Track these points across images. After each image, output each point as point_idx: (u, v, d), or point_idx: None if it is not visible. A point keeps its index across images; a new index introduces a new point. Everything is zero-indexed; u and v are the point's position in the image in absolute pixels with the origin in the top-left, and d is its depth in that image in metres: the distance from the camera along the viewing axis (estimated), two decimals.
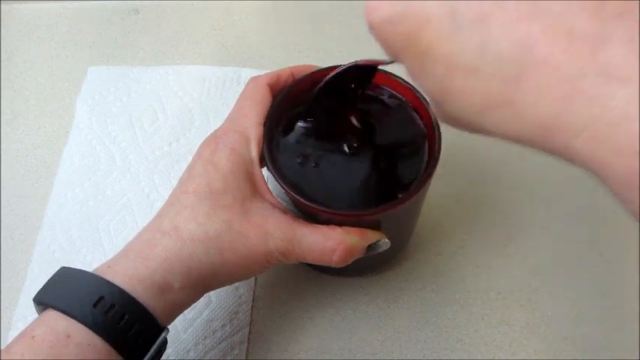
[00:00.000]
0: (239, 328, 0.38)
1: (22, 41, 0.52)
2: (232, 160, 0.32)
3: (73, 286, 0.28)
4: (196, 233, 0.30)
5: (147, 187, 0.44)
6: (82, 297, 0.28)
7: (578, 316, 0.39)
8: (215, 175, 0.31)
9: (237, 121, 0.34)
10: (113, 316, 0.27)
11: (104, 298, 0.28)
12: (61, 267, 0.30)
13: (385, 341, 0.38)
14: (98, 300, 0.28)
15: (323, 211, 0.32)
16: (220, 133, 0.33)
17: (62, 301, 0.28)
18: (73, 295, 0.28)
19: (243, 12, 0.54)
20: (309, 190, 0.33)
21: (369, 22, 0.24)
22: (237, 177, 0.32)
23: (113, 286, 0.28)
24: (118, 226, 0.42)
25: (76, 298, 0.28)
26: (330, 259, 0.32)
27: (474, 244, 0.42)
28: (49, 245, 0.41)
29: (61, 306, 0.28)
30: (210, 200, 0.31)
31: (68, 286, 0.29)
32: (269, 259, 0.32)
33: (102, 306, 0.27)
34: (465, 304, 0.40)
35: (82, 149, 0.45)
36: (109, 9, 0.54)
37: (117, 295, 0.28)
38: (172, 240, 0.30)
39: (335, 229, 0.32)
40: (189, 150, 0.45)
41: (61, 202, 0.43)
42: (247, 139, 0.33)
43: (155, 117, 0.47)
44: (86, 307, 0.27)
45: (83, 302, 0.28)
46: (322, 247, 0.31)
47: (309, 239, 0.31)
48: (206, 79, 0.49)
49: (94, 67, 0.50)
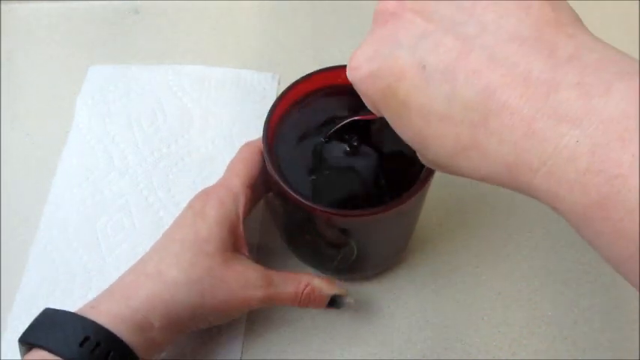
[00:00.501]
0: (235, 327, 0.38)
1: (22, 41, 0.52)
2: (220, 212, 0.34)
3: (60, 327, 0.30)
4: (179, 278, 0.32)
5: (145, 189, 0.44)
6: (68, 336, 0.29)
7: (578, 316, 0.39)
8: (202, 225, 0.34)
9: (229, 180, 0.36)
10: (99, 354, 0.29)
11: (90, 338, 0.29)
12: (45, 308, 0.32)
13: (385, 341, 0.38)
14: (84, 339, 0.29)
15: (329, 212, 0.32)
16: (212, 189, 0.36)
17: (49, 340, 0.30)
18: (59, 335, 0.30)
19: (243, 12, 0.54)
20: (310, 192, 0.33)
21: (351, 79, 0.26)
22: (222, 228, 0.34)
23: (98, 326, 0.30)
24: (116, 228, 0.42)
25: (63, 338, 0.30)
26: (300, 299, 0.35)
27: (474, 244, 0.42)
28: (46, 245, 0.41)
29: (49, 345, 0.29)
30: (195, 248, 0.33)
31: (54, 326, 0.30)
32: (248, 304, 0.34)
33: (88, 345, 0.29)
34: (465, 304, 0.40)
35: (81, 149, 0.45)
36: (109, 9, 0.54)
37: (102, 334, 0.30)
38: (155, 282, 0.32)
39: (303, 274, 0.36)
40: (187, 152, 0.45)
41: (58, 202, 0.43)
42: (236, 196, 0.35)
43: (154, 117, 0.47)
44: (73, 346, 0.29)
45: (70, 342, 0.29)
46: (295, 290, 0.35)
47: (283, 284, 0.35)
48: (205, 79, 0.49)
49: (94, 67, 0.50)
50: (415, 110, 0.24)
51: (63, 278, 0.40)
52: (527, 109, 0.20)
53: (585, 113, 0.19)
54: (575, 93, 0.19)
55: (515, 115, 0.20)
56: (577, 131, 0.19)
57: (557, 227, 0.43)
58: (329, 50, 0.51)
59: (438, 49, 0.22)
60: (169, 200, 0.43)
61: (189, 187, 0.44)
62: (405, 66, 0.23)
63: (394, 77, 0.24)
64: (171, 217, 0.42)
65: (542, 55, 0.21)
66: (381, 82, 0.25)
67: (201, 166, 0.45)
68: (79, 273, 0.40)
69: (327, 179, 0.34)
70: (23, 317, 0.39)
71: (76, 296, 0.39)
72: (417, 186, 0.32)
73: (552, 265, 0.41)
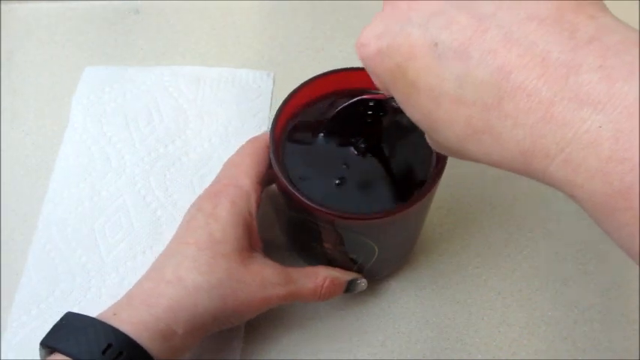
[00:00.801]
0: (234, 327, 0.38)
1: (21, 41, 0.52)
2: (232, 212, 0.34)
3: (82, 332, 0.30)
4: (199, 282, 0.32)
5: (143, 188, 0.44)
6: (90, 343, 0.29)
7: (578, 316, 0.39)
8: (215, 226, 0.33)
9: (237, 177, 0.35)
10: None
11: (112, 345, 0.29)
12: (67, 312, 0.32)
13: (385, 341, 0.38)
14: (107, 347, 0.29)
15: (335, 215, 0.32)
16: (221, 187, 0.35)
17: (72, 345, 0.29)
18: (82, 340, 0.29)
19: (243, 12, 0.54)
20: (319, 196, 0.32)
21: (360, 57, 0.26)
22: (236, 229, 0.33)
23: (121, 333, 0.29)
24: (114, 228, 0.42)
25: (85, 344, 0.29)
26: (320, 293, 0.35)
27: (474, 244, 0.42)
28: (45, 245, 0.41)
29: (71, 351, 0.29)
30: (211, 250, 0.32)
31: (77, 331, 0.30)
32: (267, 303, 0.34)
33: (110, 353, 0.29)
34: (465, 304, 0.40)
35: (77, 149, 0.45)
36: (109, 9, 0.54)
37: (124, 343, 0.29)
38: (176, 289, 0.31)
39: (319, 267, 0.36)
40: (184, 152, 0.45)
41: (56, 202, 0.43)
42: (248, 194, 0.35)
43: (150, 118, 0.47)
44: (96, 354, 0.29)
45: (92, 349, 0.29)
46: (314, 285, 0.35)
47: (302, 280, 0.35)
48: (201, 79, 0.49)
49: (90, 67, 0.50)
50: (425, 91, 0.23)
51: (62, 278, 0.40)
52: (545, 92, 0.19)
53: (608, 97, 0.18)
54: (597, 76, 0.18)
55: (533, 97, 0.19)
56: (599, 116, 0.18)
57: (557, 227, 0.43)
58: (329, 50, 0.51)
59: (452, 27, 0.21)
60: (167, 199, 0.43)
61: (186, 186, 0.44)
62: (415, 44, 0.22)
63: (404, 56, 0.23)
64: (169, 217, 0.42)
65: (562, 36, 0.19)
66: (389, 61, 0.24)
67: (198, 165, 0.45)
68: (78, 273, 0.40)
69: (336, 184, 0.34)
70: (23, 318, 0.39)
71: (76, 296, 0.39)
72: (429, 185, 0.32)
73: (552, 265, 0.41)
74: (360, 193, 0.33)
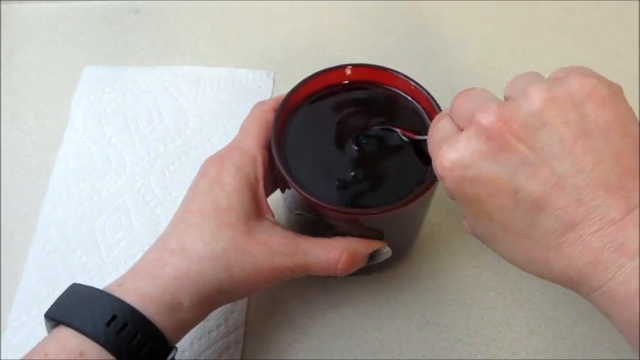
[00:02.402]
0: (234, 327, 0.38)
1: (21, 41, 0.52)
2: (237, 178, 0.33)
3: (86, 304, 0.29)
4: (203, 252, 0.31)
5: (142, 187, 0.44)
6: (95, 315, 0.28)
7: (578, 316, 0.39)
8: (220, 193, 0.32)
9: (243, 141, 0.34)
10: (126, 335, 0.28)
11: (117, 317, 0.28)
12: (72, 283, 0.31)
13: (385, 341, 0.38)
14: (111, 319, 0.28)
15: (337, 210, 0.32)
16: (225, 152, 0.34)
17: (75, 318, 0.28)
18: (85, 313, 0.28)
19: (243, 12, 0.54)
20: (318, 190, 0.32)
21: (441, 176, 0.28)
22: (241, 195, 0.32)
23: (126, 304, 0.29)
24: (114, 227, 0.42)
25: (89, 316, 0.28)
26: (335, 267, 0.33)
27: (474, 244, 0.42)
28: (45, 246, 0.41)
29: (75, 324, 0.28)
30: (215, 218, 0.32)
31: (81, 303, 0.29)
32: (276, 275, 0.33)
33: (115, 325, 0.28)
34: (465, 304, 0.40)
35: (77, 150, 0.45)
36: (109, 9, 0.54)
37: (129, 315, 0.28)
38: (180, 259, 0.31)
39: (337, 239, 0.34)
40: (184, 151, 0.45)
41: (56, 203, 0.43)
42: (253, 158, 0.34)
43: (150, 118, 0.47)
44: (99, 326, 0.28)
45: (96, 321, 0.28)
46: (327, 258, 0.33)
47: (313, 252, 0.33)
48: (201, 79, 0.49)
49: (90, 67, 0.50)
50: (496, 221, 0.27)
51: (62, 278, 0.40)
52: (597, 244, 0.24)
53: None
54: (636, 232, 0.24)
55: (587, 247, 0.25)
56: (633, 262, 0.24)
57: None
58: (329, 50, 0.51)
59: (534, 179, 0.25)
60: (166, 198, 0.43)
61: (186, 185, 0.43)
62: (500, 186, 0.26)
63: (486, 192, 0.26)
64: (169, 215, 0.42)
65: (620, 203, 0.24)
66: (470, 190, 0.27)
67: (197, 163, 0.44)
68: (78, 273, 0.40)
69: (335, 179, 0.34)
70: (23, 318, 0.39)
71: None
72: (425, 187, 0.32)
73: None
74: (361, 189, 0.33)
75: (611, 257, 0.24)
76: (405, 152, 0.35)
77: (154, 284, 0.30)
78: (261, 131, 0.35)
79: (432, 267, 0.41)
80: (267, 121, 0.35)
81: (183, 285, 0.30)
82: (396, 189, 0.33)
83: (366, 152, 0.34)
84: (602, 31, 0.53)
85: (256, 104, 0.37)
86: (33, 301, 0.39)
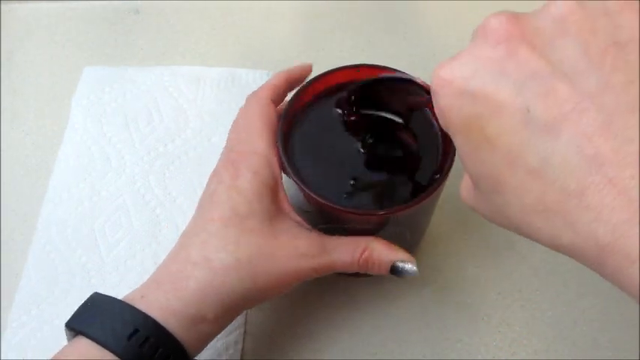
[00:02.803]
0: (234, 328, 0.38)
1: (21, 41, 0.52)
2: (255, 183, 0.32)
3: (108, 316, 0.28)
4: (227, 261, 0.30)
5: (142, 187, 0.44)
6: (116, 328, 0.28)
7: (578, 316, 0.39)
8: (239, 200, 0.31)
9: (253, 142, 0.33)
10: (147, 350, 0.27)
11: (139, 331, 0.28)
12: (94, 292, 0.30)
13: (385, 341, 0.38)
14: (133, 332, 0.27)
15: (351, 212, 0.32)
16: (237, 155, 0.33)
17: (96, 330, 0.28)
18: (107, 324, 0.28)
19: (243, 12, 0.54)
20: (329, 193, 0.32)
21: (435, 90, 0.24)
22: (261, 199, 0.31)
23: (148, 318, 0.28)
24: (114, 227, 0.42)
25: (111, 329, 0.28)
26: (358, 266, 0.32)
27: (474, 244, 0.42)
28: (45, 246, 0.41)
29: (95, 335, 0.28)
30: (237, 226, 0.31)
31: (102, 314, 0.28)
32: (300, 277, 0.32)
33: (136, 339, 0.27)
34: (465, 304, 0.40)
35: (77, 150, 0.45)
36: (109, 9, 0.54)
37: (152, 328, 0.28)
38: (204, 271, 0.30)
39: (363, 238, 0.33)
40: (184, 151, 0.45)
41: (56, 203, 0.43)
42: (267, 159, 0.33)
43: (150, 118, 0.47)
44: (121, 339, 0.27)
45: (118, 334, 0.27)
46: (352, 256, 0.32)
47: (338, 251, 0.32)
48: (201, 79, 0.49)
49: (90, 67, 0.50)
50: (501, 152, 0.21)
51: (62, 278, 0.40)
52: (636, 192, 0.18)
53: None
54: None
55: (623, 195, 0.18)
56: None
57: None
58: (329, 50, 0.51)
59: (549, 96, 0.20)
60: (166, 197, 0.43)
61: (185, 184, 0.44)
62: (505, 103, 0.21)
63: (489, 109, 0.21)
64: (168, 214, 0.42)
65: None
66: (470, 108, 0.22)
67: (197, 163, 0.45)
68: (78, 273, 0.40)
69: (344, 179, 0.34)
70: (23, 318, 0.39)
71: (76, 296, 0.39)
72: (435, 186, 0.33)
73: (552, 265, 0.41)
74: (369, 191, 0.34)
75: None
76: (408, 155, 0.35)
77: (177, 298, 0.29)
78: (267, 128, 0.34)
79: (432, 267, 0.41)
80: (269, 116, 0.34)
81: (207, 297, 0.29)
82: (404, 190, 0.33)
83: (375, 153, 0.35)
84: None
85: (251, 96, 0.35)
86: (33, 301, 0.39)
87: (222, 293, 0.30)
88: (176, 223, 0.42)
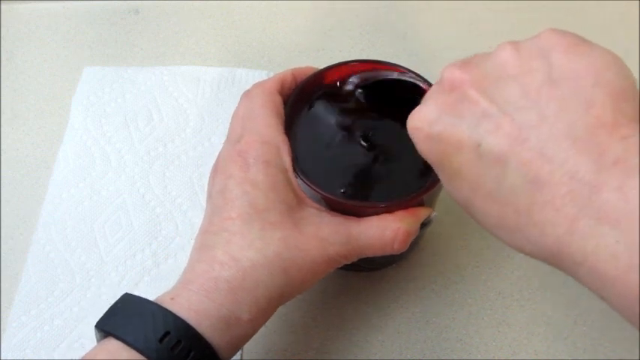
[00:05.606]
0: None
1: (21, 41, 0.52)
2: (269, 173, 0.31)
3: (139, 318, 0.28)
4: (256, 259, 0.29)
5: (142, 187, 0.44)
6: (147, 330, 0.27)
7: (578, 316, 0.39)
8: (255, 193, 0.30)
9: (260, 131, 0.32)
10: (179, 353, 0.27)
11: (170, 334, 0.27)
12: (125, 293, 0.30)
13: (385, 341, 0.38)
14: (164, 334, 0.27)
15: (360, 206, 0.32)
16: (245, 146, 0.32)
17: (127, 332, 0.27)
18: (138, 326, 0.27)
19: (243, 12, 0.54)
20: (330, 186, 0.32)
21: (411, 136, 0.28)
22: (277, 190, 0.31)
23: (180, 320, 0.27)
24: (114, 227, 0.42)
25: (142, 331, 0.27)
26: (391, 248, 0.32)
27: (474, 244, 0.42)
28: (44, 246, 0.41)
29: (126, 338, 0.27)
30: (258, 221, 0.30)
31: (133, 316, 0.28)
32: (331, 265, 0.31)
33: (168, 341, 0.27)
34: (465, 304, 0.40)
35: (77, 149, 0.45)
36: (109, 9, 0.54)
37: (183, 331, 0.27)
38: (233, 271, 0.29)
39: (388, 218, 0.32)
40: (184, 150, 0.45)
41: (56, 203, 0.43)
42: (277, 148, 0.32)
43: (150, 117, 0.47)
44: (152, 342, 0.26)
45: (149, 336, 0.27)
46: (381, 240, 0.31)
47: (366, 235, 0.31)
48: (201, 79, 0.49)
49: (89, 67, 0.50)
50: (466, 181, 0.25)
51: (62, 278, 0.40)
52: (570, 208, 0.21)
53: (624, 215, 0.20)
54: (615, 196, 0.21)
55: (560, 212, 0.22)
56: (616, 232, 0.20)
57: None
58: (329, 50, 0.51)
59: (497, 132, 0.24)
60: (165, 197, 0.43)
61: (185, 184, 0.44)
62: (462, 140, 0.25)
63: (452, 147, 0.25)
64: (169, 214, 0.42)
65: (591, 158, 0.21)
66: (438, 147, 0.26)
67: (197, 162, 0.45)
68: (78, 273, 0.40)
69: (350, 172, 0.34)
70: (23, 318, 0.39)
71: (75, 296, 0.39)
72: None
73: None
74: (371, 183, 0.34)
75: (589, 225, 0.21)
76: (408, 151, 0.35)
77: (209, 299, 0.28)
78: (275, 117, 0.33)
79: (432, 267, 0.41)
80: (275, 105, 0.33)
81: (240, 298, 0.28)
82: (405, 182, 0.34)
83: (377, 146, 0.35)
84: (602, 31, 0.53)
85: (256, 85, 0.35)
86: (33, 301, 0.39)
87: (256, 292, 0.29)
88: (176, 223, 0.42)
